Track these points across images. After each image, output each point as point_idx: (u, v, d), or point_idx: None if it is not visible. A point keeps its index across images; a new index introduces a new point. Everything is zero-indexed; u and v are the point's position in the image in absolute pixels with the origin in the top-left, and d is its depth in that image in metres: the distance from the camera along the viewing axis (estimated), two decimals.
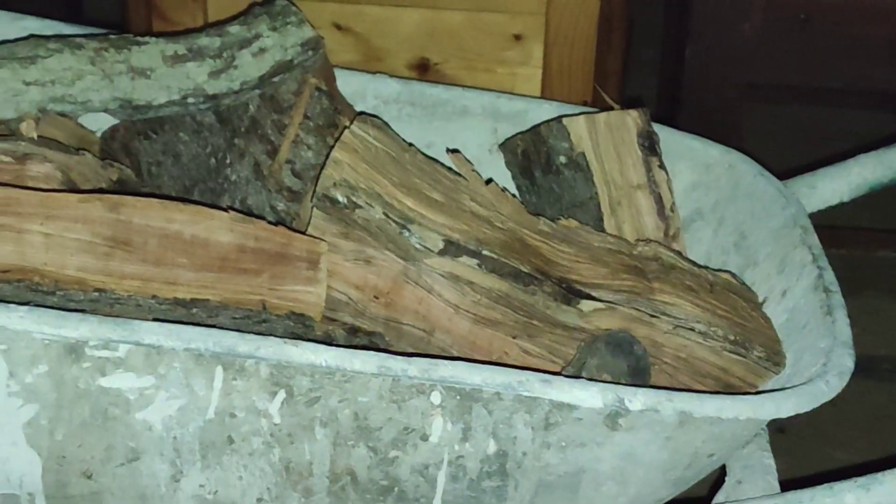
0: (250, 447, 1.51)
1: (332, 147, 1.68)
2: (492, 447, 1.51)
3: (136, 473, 1.53)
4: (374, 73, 2.09)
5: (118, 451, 1.52)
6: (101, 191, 1.65)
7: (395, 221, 1.64)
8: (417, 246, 1.64)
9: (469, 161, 1.78)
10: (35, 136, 1.72)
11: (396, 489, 1.55)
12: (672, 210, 1.90)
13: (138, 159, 1.91)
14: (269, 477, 1.54)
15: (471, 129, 2.07)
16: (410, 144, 1.75)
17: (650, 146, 1.91)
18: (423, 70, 2.35)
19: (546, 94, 2.31)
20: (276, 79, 1.84)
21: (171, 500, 1.56)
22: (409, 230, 1.64)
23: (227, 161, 1.87)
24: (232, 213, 1.56)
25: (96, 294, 1.50)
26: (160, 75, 1.78)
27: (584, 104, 2.23)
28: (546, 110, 2.04)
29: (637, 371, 1.65)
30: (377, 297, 1.67)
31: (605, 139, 1.89)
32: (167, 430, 1.50)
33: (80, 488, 1.55)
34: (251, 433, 1.50)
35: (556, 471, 1.53)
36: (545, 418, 1.48)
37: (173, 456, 1.52)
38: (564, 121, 1.90)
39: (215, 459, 1.52)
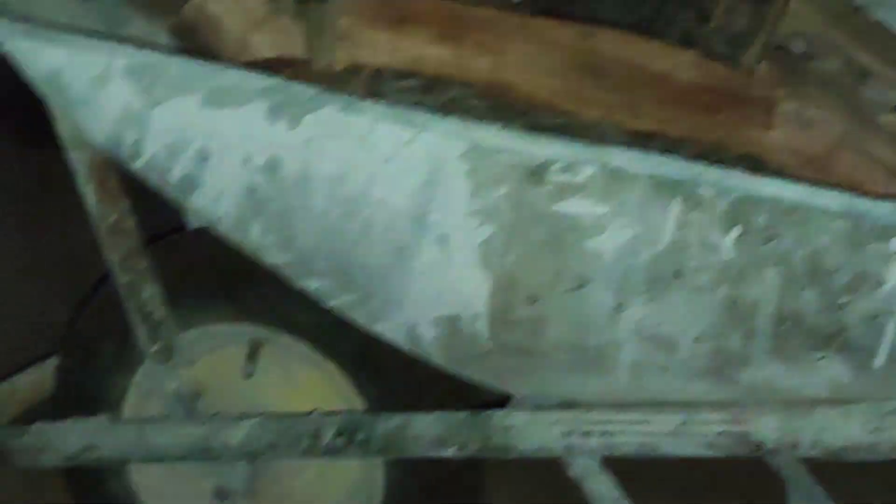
0: (697, 283, 1.52)
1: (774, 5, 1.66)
2: None
3: (580, 302, 1.56)
4: None
5: (566, 278, 1.55)
6: None
7: (852, 74, 1.62)
8: (874, 100, 1.61)
9: None
10: None
11: (841, 337, 1.52)
12: None
13: None
14: (712, 315, 1.54)
15: None
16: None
17: None
18: None
19: None
20: None
21: (609, 332, 1.58)
22: (866, 83, 1.61)
23: (656, 29, 1.88)
24: (695, 52, 1.58)
25: (562, 119, 1.54)
26: None
27: None
28: None
29: None
30: (810, 162, 1.65)
31: None
32: (616, 259, 1.52)
33: (523, 313, 1.59)
34: (700, 268, 1.51)
35: None
36: None
37: (619, 286, 1.54)
38: None
39: (660, 293, 1.54)
